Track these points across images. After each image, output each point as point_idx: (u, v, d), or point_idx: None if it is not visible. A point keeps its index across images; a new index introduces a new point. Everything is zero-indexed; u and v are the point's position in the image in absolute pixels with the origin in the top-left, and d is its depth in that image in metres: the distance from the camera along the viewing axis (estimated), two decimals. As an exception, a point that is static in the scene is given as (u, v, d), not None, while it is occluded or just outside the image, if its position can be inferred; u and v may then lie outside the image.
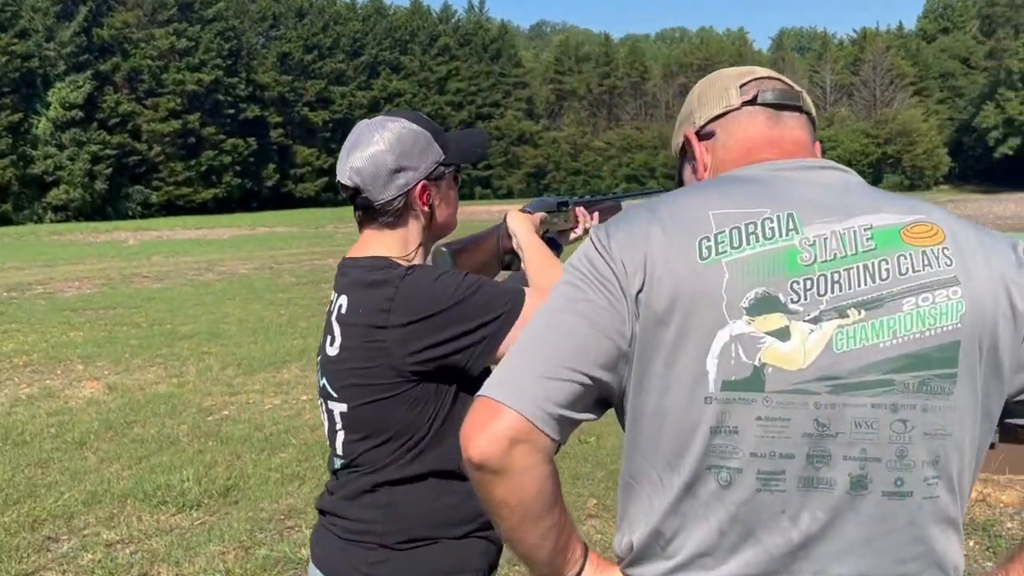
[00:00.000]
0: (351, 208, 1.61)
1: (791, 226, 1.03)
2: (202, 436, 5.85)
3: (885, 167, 59.68)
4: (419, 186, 1.57)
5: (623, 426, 1.11)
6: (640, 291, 1.01)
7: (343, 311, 1.54)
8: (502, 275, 1.85)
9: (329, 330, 1.59)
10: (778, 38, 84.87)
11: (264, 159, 56.27)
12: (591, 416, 1.09)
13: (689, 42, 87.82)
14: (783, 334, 0.99)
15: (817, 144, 1.23)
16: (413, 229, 1.60)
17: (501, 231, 1.80)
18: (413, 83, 63.33)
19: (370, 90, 61.73)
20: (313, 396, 6.94)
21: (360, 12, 64.15)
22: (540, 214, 1.90)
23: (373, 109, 61.50)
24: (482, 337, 1.45)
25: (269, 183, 56.64)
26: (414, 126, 1.58)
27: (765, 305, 1.00)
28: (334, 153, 59.79)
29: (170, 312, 11.77)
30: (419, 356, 1.46)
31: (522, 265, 1.76)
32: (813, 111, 1.25)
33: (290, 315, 11.49)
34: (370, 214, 1.57)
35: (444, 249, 1.64)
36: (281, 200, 55.57)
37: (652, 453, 1.06)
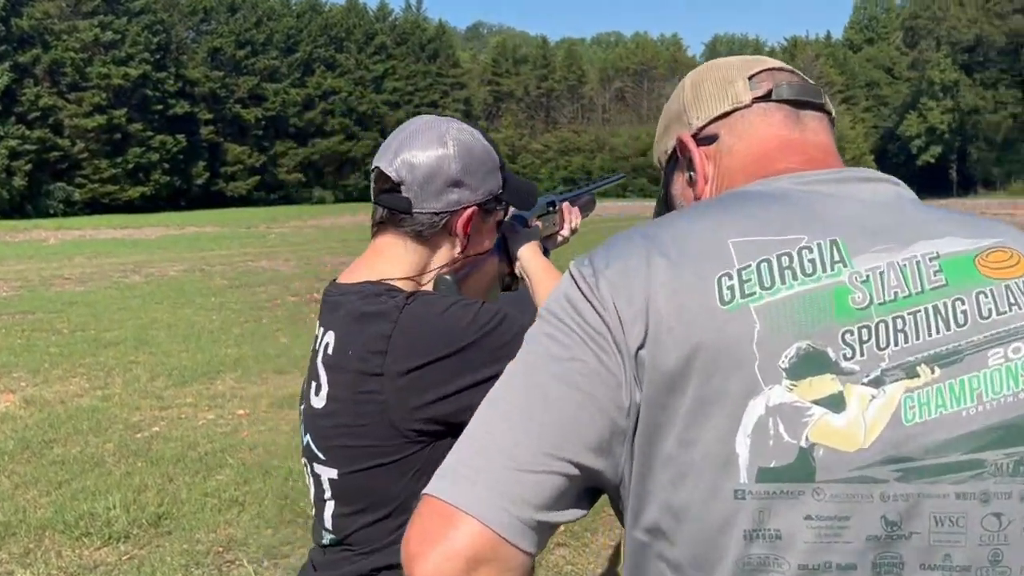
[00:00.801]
0: (284, 208, 1.33)
1: (836, 257, 0.80)
2: (130, 456, 5.43)
3: (814, 173, 60.99)
4: (470, 210, 1.31)
5: (622, 521, 0.85)
6: (642, 347, 0.77)
7: (329, 351, 1.26)
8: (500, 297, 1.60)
9: (314, 375, 1.30)
10: (711, 45, 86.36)
11: (194, 156, 54.70)
12: (577, 514, 0.83)
13: (624, 47, 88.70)
14: (836, 403, 0.76)
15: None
16: (440, 254, 1.33)
17: (499, 253, 1.54)
18: (349, 81, 62.40)
19: (304, 87, 60.59)
20: (251, 410, 6.56)
21: (295, 8, 62.92)
22: (537, 223, 1.66)
23: (308, 107, 60.44)
24: None
25: (199, 181, 55.08)
26: (486, 143, 1.35)
27: (810, 364, 0.76)
28: (267, 151, 59.13)
29: (94, 317, 11.15)
30: (424, 412, 1.18)
31: (530, 289, 1.52)
32: (833, 111, 1.04)
33: (223, 320, 11.00)
34: (398, 219, 1.28)
35: (448, 276, 1.36)
36: (211, 199, 54.06)
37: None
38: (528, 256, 1.53)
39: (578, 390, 0.78)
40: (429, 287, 1.33)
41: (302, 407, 1.36)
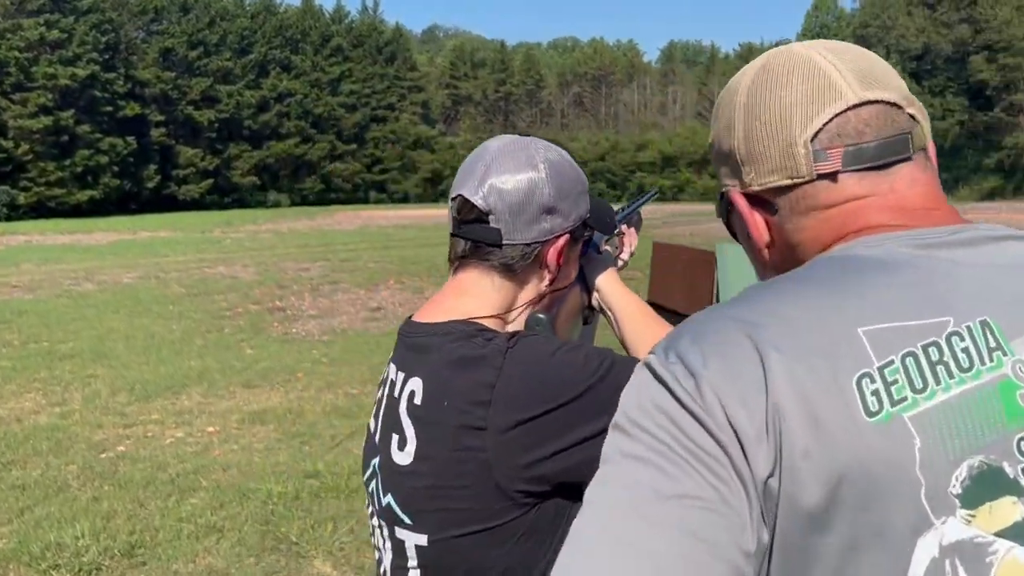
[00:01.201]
0: (239, 211, 1.15)
1: (993, 343, 0.65)
2: (96, 479, 5.13)
3: (769, 178, 62.03)
4: (564, 239, 1.17)
5: None
6: (771, 475, 0.61)
7: (417, 400, 1.11)
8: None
9: (394, 425, 1.14)
10: (667, 50, 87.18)
11: (144, 159, 53.49)
12: None
13: (581, 52, 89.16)
14: (1022, 533, 0.61)
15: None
16: (529, 288, 1.19)
17: (579, 284, 1.37)
18: (305, 83, 61.64)
19: (259, 89, 59.69)
20: (221, 427, 6.28)
21: (249, 9, 61.96)
22: (607, 248, 1.50)
23: (262, 109, 59.55)
24: None
25: (150, 184, 53.89)
26: (574, 162, 1.22)
27: (987, 486, 0.61)
28: (220, 154, 58.13)
29: (46, 328, 10.69)
30: (533, 470, 1.04)
31: (613, 325, 1.37)
32: (927, 140, 0.80)
33: (183, 330, 10.64)
34: (484, 252, 1.14)
35: (542, 316, 1.21)
36: (162, 203, 52.91)
37: None
38: (610, 287, 1.38)
39: (696, 539, 0.59)
40: (516, 326, 1.19)
41: (375, 461, 1.18)
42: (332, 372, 8.25)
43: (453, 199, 1.16)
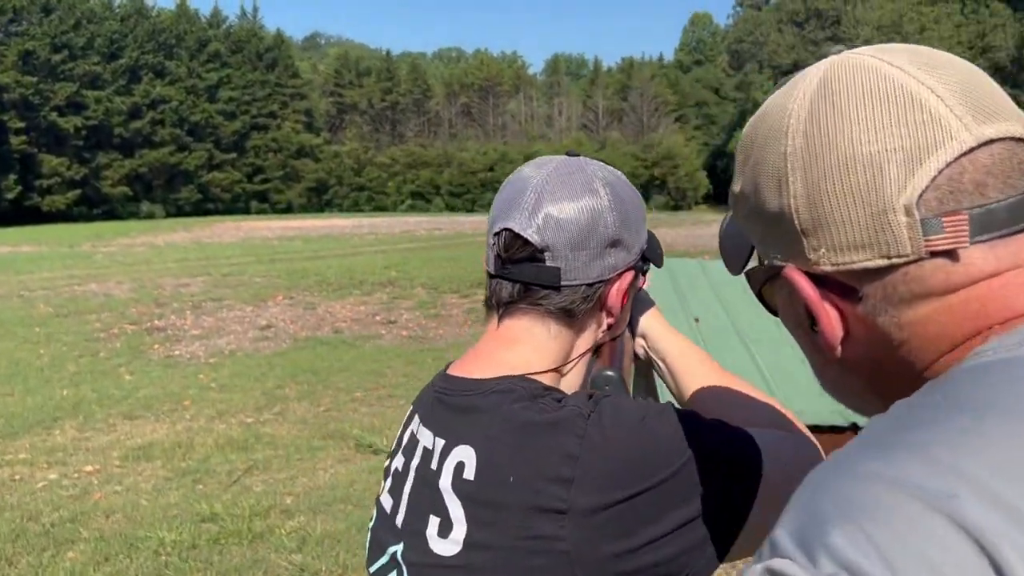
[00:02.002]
0: (110, 224, 0.93)
1: None
2: (-47, 536, 4.50)
3: (653, 188, 63.81)
4: (628, 276, 1.00)
5: None
6: None
7: (468, 475, 0.89)
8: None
9: (431, 506, 0.91)
10: (552, 63, 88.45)
11: (3, 168, 49.97)
12: None
13: (467, 62, 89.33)
14: None
15: None
16: (587, 336, 1.00)
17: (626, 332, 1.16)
18: (180, 89, 59.11)
19: (131, 95, 56.84)
20: (101, 466, 5.70)
21: (118, 12, 58.94)
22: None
23: (135, 116, 56.76)
24: (722, 521, 0.86)
25: (9, 195, 50.36)
26: (631, 184, 1.05)
27: None
28: (88, 163, 55.01)
29: None
30: (625, 563, 0.84)
31: (662, 374, 1.18)
32: None
33: (52, 355, 9.78)
34: (538, 296, 0.95)
35: (611, 372, 1.02)
36: (24, 215, 49.51)
37: None
38: (658, 330, 1.18)
39: None
40: (571, 381, 0.99)
41: (395, 549, 0.93)
42: (223, 399, 7.70)
43: (497, 234, 0.96)
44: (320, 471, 5.64)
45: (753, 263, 0.71)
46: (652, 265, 1.13)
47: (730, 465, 0.88)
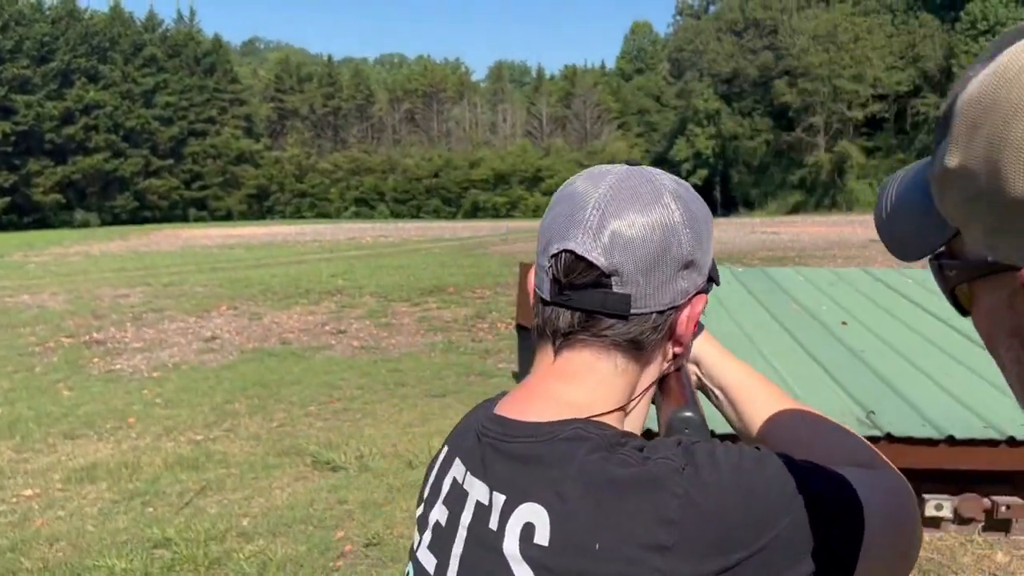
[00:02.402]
0: (42, 232, 0.95)
1: None
2: None
3: (597, 194, 64.21)
4: (701, 300, 0.87)
5: None
6: None
7: (541, 540, 0.79)
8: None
9: (491, 570, 0.82)
10: (496, 70, 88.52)
11: (-74, 175, 48.02)
12: None
13: (410, 68, 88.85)
14: None
15: None
16: (652, 368, 0.88)
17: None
18: (115, 94, 57.54)
19: (63, 100, 55.10)
20: (42, 489, 5.39)
21: (49, 14, 57.11)
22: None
23: (67, 121, 55.04)
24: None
25: (-67, 203, 48.42)
26: (699, 197, 0.93)
27: None
28: (18, 170, 53.11)
29: None
30: None
31: (722, 406, 1.05)
32: None
33: (-15, 372, 9.31)
34: (604, 326, 0.83)
35: (689, 414, 0.90)
36: (-51, 223, 47.63)
37: None
38: (715, 356, 1.05)
39: None
40: (634, 421, 0.88)
41: None
42: (169, 415, 7.39)
43: (554, 256, 0.83)
44: (277, 490, 5.42)
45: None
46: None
47: (833, 514, 0.78)
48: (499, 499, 0.82)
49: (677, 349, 0.89)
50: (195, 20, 67.01)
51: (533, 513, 0.79)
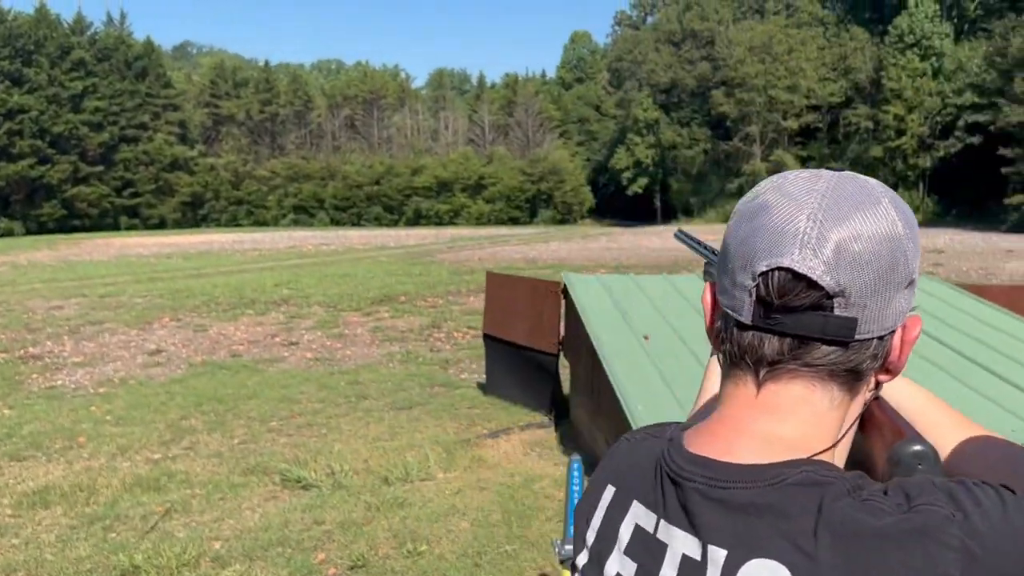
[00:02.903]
0: None
1: None
2: None
3: (540, 203, 64.46)
4: (916, 322, 0.80)
5: None
6: None
7: None
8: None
9: None
10: (436, 77, 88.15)
11: None
12: None
13: (347, 74, 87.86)
14: None
15: None
16: (860, 399, 0.80)
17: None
18: (40, 99, 55.42)
19: (-16, 104, 52.95)
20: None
21: (-31, 14, 54.87)
22: None
23: (-11, 126, 52.84)
24: None
25: None
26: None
27: None
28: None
29: None
30: None
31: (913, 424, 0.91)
32: None
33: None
34: (821, 354, 0.74)
35: (920, 447, 0.78)
36: None
37: None
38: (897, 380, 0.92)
39: None
40: (840, 456, 0.80)
41: None
42: (122, 433, 7.04)
43: (764, 275, 0.73)
44: (247, 511, 5.17)
45: None
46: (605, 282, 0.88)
47: None
48: (718, 554, 0.73)
49: (885, 377, 0.80)
50: (126, 23, 65.17)
51: (768, 570, 0.70)
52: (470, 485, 5.50)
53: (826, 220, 0.72)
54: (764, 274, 0.73)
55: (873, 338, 0.74)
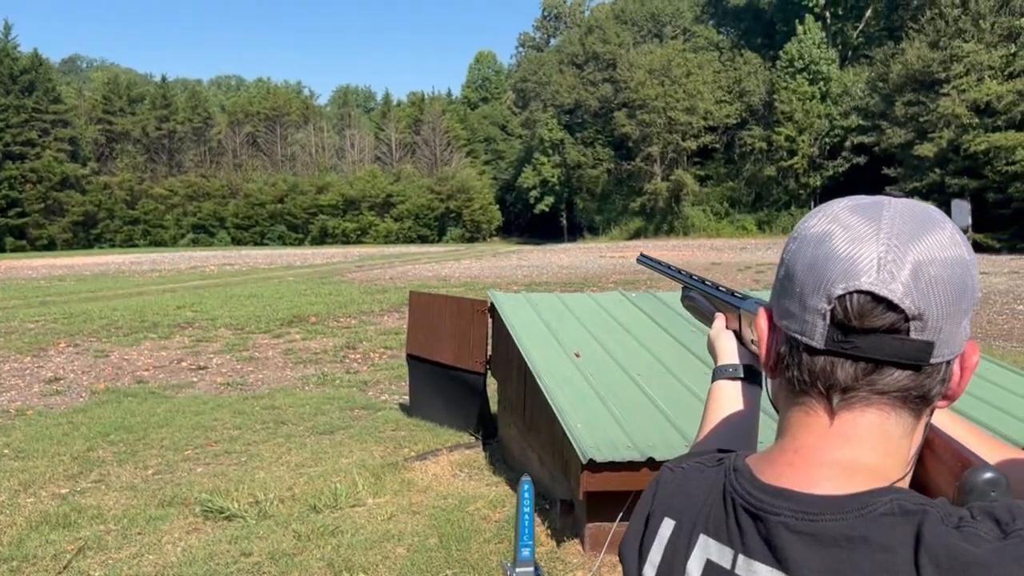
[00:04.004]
0: None
1: None
2: None
3: (448, 221, 64.40)
4: (975, 348, 0.79)
5: None
6: None
7: None
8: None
9: None
10: (341, 95, 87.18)
11: None
12: None
13: (247, 91, 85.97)
14: None
15: None
16: (922, 426, 0.78)
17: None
18: (-85, 113, 52.25)
19: None
20: None
21: None
22: None
23: None
24: None
25: None
26: None
27: None
28: None
29: None
30: None
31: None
32: None
33: None
34: (886, 379, 0.73)
35: (991, 475, 0.76)
36: None
37: None
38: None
39: None
40: (907, 481, 0.79)
41: None
42: (24, 467, 6.63)
43: (841, 298, 0.72)
44: (168, 545, 4.93)
45: None
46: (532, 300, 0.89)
47: None
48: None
49: (943, 403, 0.79)
50: (11, 35, 62.01)
51: None
52: (402, 509, 5.40)
53: (900, 244, 0.72)
54: (844, 297, 0.71)
55: (944, 362, 0.74)
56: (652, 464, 3.96)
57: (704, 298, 1.30)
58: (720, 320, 1.21)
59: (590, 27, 66.08)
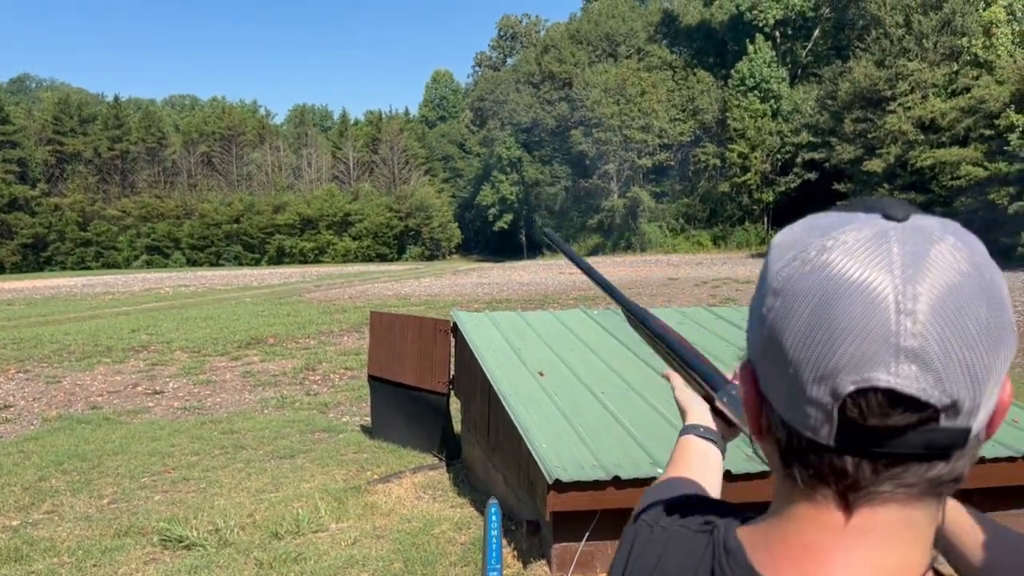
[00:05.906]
0: None
1: None
2: None
3: (407, 239, 64.16)
4: (1006, 406, 0.63)
5: None
6: None
7: None
8: None
9: None
10: (298, 114, 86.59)
11: None
12: None
13: (202, 110, 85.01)
14: None
15: None
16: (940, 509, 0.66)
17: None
18: None
19: None
20: None
21: None
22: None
23: None
24: None
25: None
26: None
27: None
28: None
29: None
30: None
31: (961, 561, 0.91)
32: None
33: None
34: (913, 472, 0.59)
35: None
36: None
37: None
38: (959, 512, 0.93)
39: None
40: None
41: None
42: (-28, 499, 6.42)
43: (854, 396, 0.56)
44: (125, 577, 4.82)
45: None
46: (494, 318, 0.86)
47: None
48: None
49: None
50: (-45, 53, 60.64)
51: None
52: (366, 534, 5.34)
53: (919, 308, 0.55)
54: (858, 394, 0.56)
55: (976, 438, 0.59)
56: (618, 483, 3.97)
57: (677, 368, 1.14)
58: (677, 379, 1.12)
59: (546, 47, 66.64)
